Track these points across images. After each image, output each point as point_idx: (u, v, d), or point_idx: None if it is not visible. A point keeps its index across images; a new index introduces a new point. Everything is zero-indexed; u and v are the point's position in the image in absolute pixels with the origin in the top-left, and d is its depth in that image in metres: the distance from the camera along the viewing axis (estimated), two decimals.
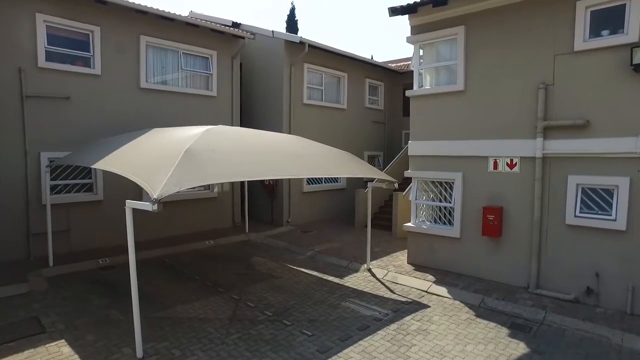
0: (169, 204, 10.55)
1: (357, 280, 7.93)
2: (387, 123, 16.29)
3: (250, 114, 13.43)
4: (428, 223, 8.55)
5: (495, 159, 7.34)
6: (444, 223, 8.31)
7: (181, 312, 6.34)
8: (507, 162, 7.21)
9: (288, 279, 7.95)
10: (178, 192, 4.69)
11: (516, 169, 7.11)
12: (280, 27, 32.76)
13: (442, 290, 7.25)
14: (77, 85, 8.85)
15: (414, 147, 8.52)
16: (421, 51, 8.49)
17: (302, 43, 11.85)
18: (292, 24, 29.59)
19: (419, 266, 8.52)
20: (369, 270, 8.50)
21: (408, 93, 8.59)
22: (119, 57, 9.42)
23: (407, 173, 8.66)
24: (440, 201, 8.30)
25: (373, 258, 9.19)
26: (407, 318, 6.18)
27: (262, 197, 13.15)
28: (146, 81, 9.99)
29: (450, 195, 8.10)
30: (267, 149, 6.73)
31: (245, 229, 11.66)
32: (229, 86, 11.77)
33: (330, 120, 13.86)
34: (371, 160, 16.04)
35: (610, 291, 6.17)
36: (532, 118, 6.83)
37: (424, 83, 8.50)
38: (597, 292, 6.29)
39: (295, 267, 8.74)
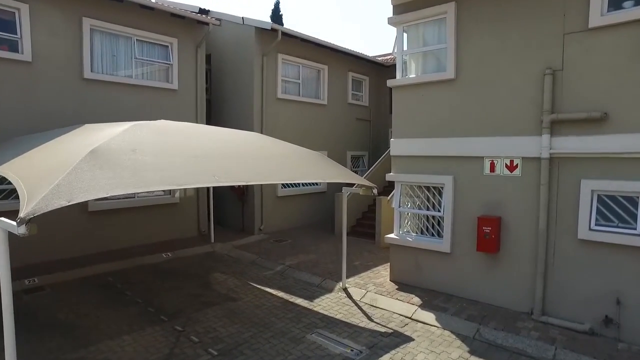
0: (119, 212, 9.24)
1: (329, 303, 6.71)
2: (372, 120, 15.11)
3: (220, 111, 12.15)
4: (413, 235, 7.37)
5: (492, 160, 6.17)
6: (432, 235, 7.13)
7: (104, 350, 5.06)
8: (506, 164, 6.05)
9: (248, 302, 6.70)
10: (105, 199, 3.44)
11: (517, 171, 5.94)
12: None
13: (430, 317, 6.06)
14: (1, 73, 7.50)
15: (397, 146, 7.32)
16: (405, 35, 7.30)
17: (274, 30, 10.61)
18: (276, 19, 28.32)
19: (403, 285, 7.32)
20: (345, 290, 7.28)
21: (390, 83, 7.39)
22: (55, 41, 8.08)
23: (389, 176, 7.46)
24: (428, 209, 7.11)
25: (351, 273, 7.98)
26: (385, 358, 4.97)
27: (232, 202, 11.87)
28: (91, 71, 8.66)
29: (440, 202, 6.92)
30: (214, 150, 5.48)
31: (210, 239, 10.38)
32: (193, 78, 10.48)
33: (309, 117, 12.63)
34: (355, 161, 14.85)
35: (635, 322, 5.02)
36: (537, 111, 5.67)
37: (409, 71, 7.32)
38: (617, 322, 5.13)
39: (259, 286, 7.48)
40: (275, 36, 10.71)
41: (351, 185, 8.78)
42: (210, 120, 12.46)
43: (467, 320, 5.87)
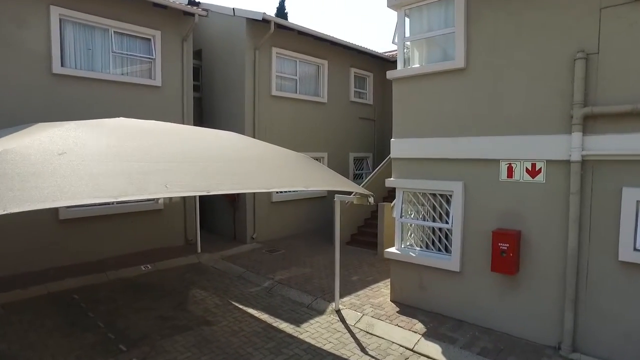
0: (95, 220, 8.44)
1: (318, 329, 5.78)
2: (377, 120, 14.13)
3: (211, 110, 11.32)
4: (417, 249, 6.40)
5: (510, 163, 5.19)
6: (439, 250, 6.15)
7: None
8: (526, 168, 5.06)
9: (225, 327, 5.80)
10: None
11: (540, 177, 4.95)
12: None
13: (435, 350, 5.09)
14: None
15: (398, 147, 6.37)
16: (407, 20, 6.35)
17: (266, 21, 9.73)
18: (281, 17, 27.59)
19: (405, 306, 6.36)
20: (338, 312, 6.34)
21: (390, 74, 6.44)
22: (18, 32, 7.31)
23: (389, 182, 6.51)
24: (434, 220, 6.14)
25: (347, 291, 7.04)
26: None
27: (224, 209, 11.02)
28: (62, 66, 7.88)
29: (447, 212, 5.95)
30: (176, 152, 4.61)
31: (197, 248, 9.52)
32: (179, 75, 9.65)
33: (307, 116, 11.72)
34: (358, 163, 13.90)
35: None
36: (565, 104, 4.68)
37: (412, 61, 6.37)
38: None
39: (241, 306, 6.59)
40: (267, 28, 9.84)
41: (348, 193, 7.87)
42: (202, 120, 11.65)
43: (480, 355, 4.88)
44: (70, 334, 5.54)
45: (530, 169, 5.02)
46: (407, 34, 6.31)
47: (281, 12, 27.93)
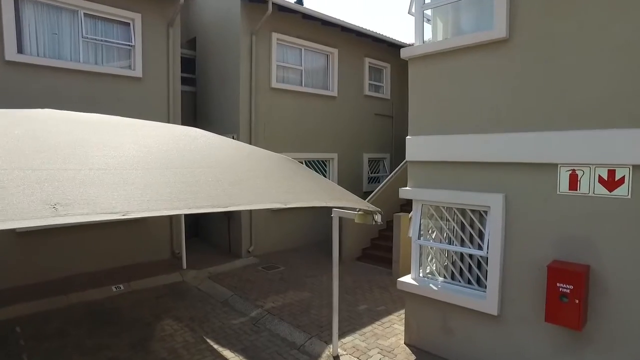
0: (62, 232, 7.30)
1: None
2: (395, 116, 12.61)
3: (206, 105, 10.08)
4: (440, 279, 4.91)
5: (574, 170, 3.65)
6: (469, 283, 4.66)
7: None
8: (600, 177, 3.51)
9: None
10: None
11: (622, 189, 3.40)
12: None
13: None
14: None
15: (415, 148, 4.91)
16: None
17: (262, 1, 8.40)
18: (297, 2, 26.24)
19: (423, 353, 4.89)
20: (336, 359, 4.93)
21: (404, 52, 4.98)
22: None
23: (404, 192, 5.04)
24: (463, 244, 4.64)
25: (352, 326, 5.62)
26: None
27: (218, 218, 9.75)
28: (18, 52, 6.76)
29: (482, 234, 4.45)
30: (100, 157, 3.30)
31: (182, 264, 8.28)
32: (164, 65, 8.43)
33: (314, 112, 10.33)
34: (374, 165, 12.40)
35: None
36: None
37: (434, 34, 4.89)
38: None
39: (216, 347, 5.26)
40: (264, 9, 8.49)
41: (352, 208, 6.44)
42: (195, 117, 10.45)
43: None
44: None
45: (606, 178, 3.47)
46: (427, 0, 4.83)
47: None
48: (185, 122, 10.45)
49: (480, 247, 4.45)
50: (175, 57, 8.62)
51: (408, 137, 5.00)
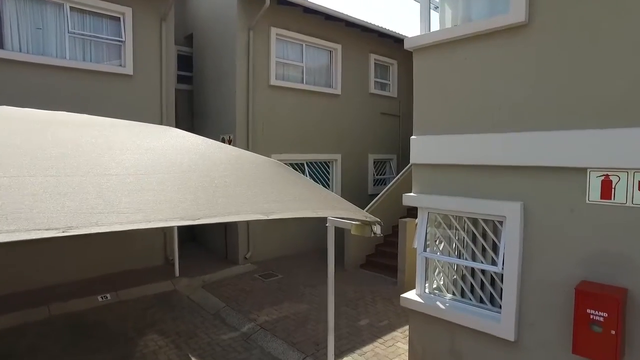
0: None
1: None
2: (402, 115, 12.06)
3: (203, 105, 9.65)
4: (448, 297, 4.38)
5: (607, 175, 3.09)
6: (481, 301, 4.12)
7: None
8: None
9: None
10: None
11: None
12: None
13: None
14: None
15: (420, 148, 4.38)
16: None
17: None
18: None
19: None
20: None
21: (408, 42, 4.44)
22: None
23: (408, 199, 4.52)
24: (474, 257, 4.11)
25: (351, 344, 5.12)
26: None
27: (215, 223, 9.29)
28: (0, 47, 6.39)
29: (495, 247, 3.91)
30: (47, 160, 2.84)
31: (175, 272, 7.84)
32: (156, 62, 8.01)
33: (316, 110, 9.83)
34: (380, 167, 11.87)
35: None
36: None
37: (442, 21, 4.36)
38: None
39: None
40: (262, 2, 8.02)
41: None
42: (192, 118, 10.03)
43: None
44: None
45: None
46: None
47: None
48: (182, 121, 10.05)
49: (494, 262, 3.91)
50: (169, 53, 8.20)
51: (413, 137, 4.48)
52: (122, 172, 2.90)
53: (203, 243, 9.97)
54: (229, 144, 8.54)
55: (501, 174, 3.72)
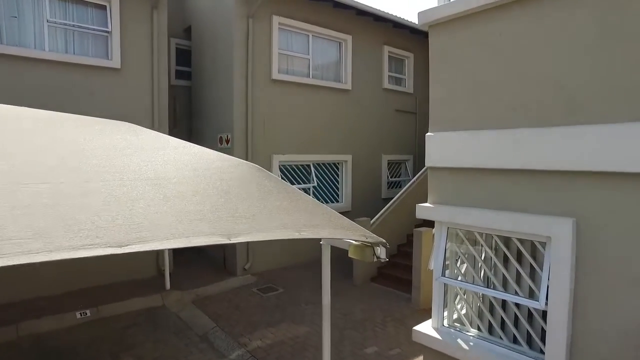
0: None
1: None
2: (419, 113, 11.14)
3: (201, 102, 8.96)
4: (472, 332, 3.51)
5: None
6: (514, 340, 3.24)
7: None
8: None
9: None
10: None
11: None
12: None
13: None
14: None
15: (438, 148, 3.53)
16: None
17: None
18: None
19: None
20: None
21: (423, 17, 3.58)
22: None
23: (422, 210, 3.66)
24: (506, 285, 3.23)
25: None
26: None
27: None
28: None
29: (534, 273, 3.03)
30: None
31: (165, 285, 7.14)
32: (147, 54, 7.34)
33: (324, 107, 9.02)
34: (394, 169, 10.98)
35: None
36: None
37: None
38: None
39: None
40: None
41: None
42: (191, 115, 9.36)
43: None
44: None
45: None
46: None
47: None
48: (180, 119, 9.40)
49: (533, 294, 3.03)
50: (161, 44, 7.52)
51: (429, 133, 3.63)
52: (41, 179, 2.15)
53: (201, 250, 9.29)
54: (227, 144, 7.82)
55: (546, 180, 2.84)
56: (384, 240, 2.87)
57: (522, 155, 2.91)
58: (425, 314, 6.16)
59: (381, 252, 2.90)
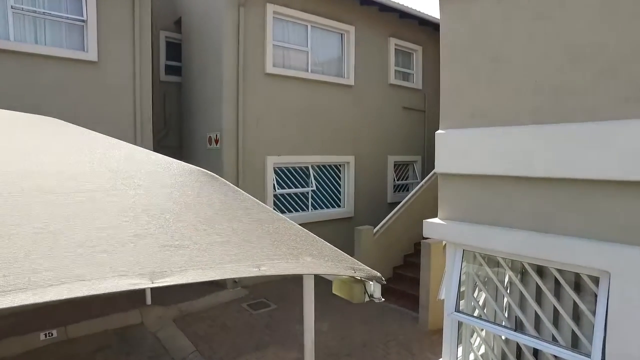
0: None
1: None
2: (428, 110, 10.35)
3: (190, 99, 8.29)
4: None
5: None
6: None
7: None
8: None
9: None
10: None
11: None
12: None
13: None
14: None
15: (451, 150, 2.79)
16: None
17: None
18: None
19: None
20: None
21: None
22: None
23: (430, 228, 2.93)
24: (539, 329, 2.48)
25: None
26: None
27: None
28: None
29: (577, 311, 2.27)
30: None
31: (146, 299, 6.47)
32: (129, 46, 6.68)
33: (324, 104, 8.29)
34: (401, 170, 10.21)
35: None
36: None
37: None
38: None
39: None
40: None
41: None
42: (182, 113, 8.71)
43: None
44: None
45: None
46: None
47: None
48: (170, 118, 8.77)
49: (577, 344, 2.28)
50: (144, 35, 6.85)
51: (439, 131, 2.89)
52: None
53: None
54: (216, 144, 7.14)
55: (598, 194, 2.08)
56: (378, 274, 2.13)
57: (566, 159, 2.15)
58: (434, 337, 5.42)
59: (375, 289, 2.18)
